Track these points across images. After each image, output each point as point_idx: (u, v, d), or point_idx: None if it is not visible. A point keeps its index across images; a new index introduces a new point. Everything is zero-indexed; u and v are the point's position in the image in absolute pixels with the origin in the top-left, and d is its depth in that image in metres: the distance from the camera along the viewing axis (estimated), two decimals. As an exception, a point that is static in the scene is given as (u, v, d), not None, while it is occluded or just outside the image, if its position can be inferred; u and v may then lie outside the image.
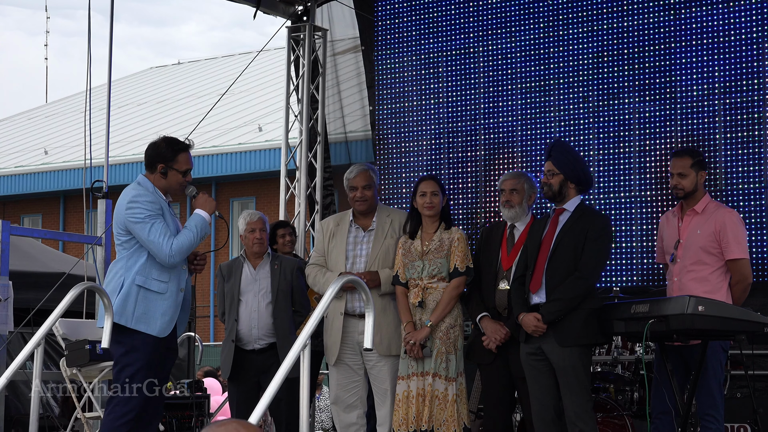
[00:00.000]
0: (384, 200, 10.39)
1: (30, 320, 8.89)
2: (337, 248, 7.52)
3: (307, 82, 11.79)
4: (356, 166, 7.65)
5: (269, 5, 11.76)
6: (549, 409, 6.81)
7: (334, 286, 5.61)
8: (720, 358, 6.93)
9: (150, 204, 6.64)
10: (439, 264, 7.19)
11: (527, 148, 10.13)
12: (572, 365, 6.70)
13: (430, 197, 7.31)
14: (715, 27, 9.33)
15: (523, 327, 6.82)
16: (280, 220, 10.51)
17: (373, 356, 7.31)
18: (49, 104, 35.36)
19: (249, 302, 8.02)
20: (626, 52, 9.72)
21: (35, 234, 12.96)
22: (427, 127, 10.69)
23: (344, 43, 12.05)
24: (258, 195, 24.68)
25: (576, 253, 6.79)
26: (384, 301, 7.36)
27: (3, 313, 8.68)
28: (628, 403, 8.29)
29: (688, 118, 9.39)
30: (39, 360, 6.29)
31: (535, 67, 10.16)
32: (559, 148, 7.14)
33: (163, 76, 34.34)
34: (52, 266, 11.37)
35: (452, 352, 7.13)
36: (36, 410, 6.37)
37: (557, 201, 6.98)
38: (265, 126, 24.63)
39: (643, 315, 6.52)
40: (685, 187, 7.10)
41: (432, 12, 10.75)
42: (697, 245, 7.01)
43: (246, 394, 8.00)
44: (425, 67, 10.77)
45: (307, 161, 11.81)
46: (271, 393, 5.14)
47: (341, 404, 7.44)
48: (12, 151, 29.16)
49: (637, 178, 9.59)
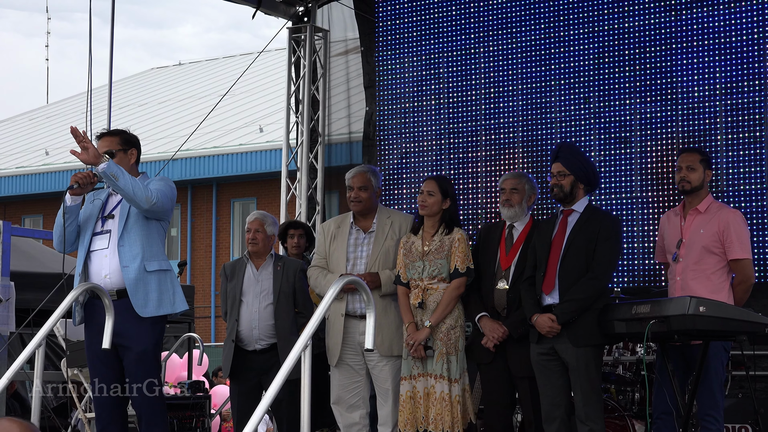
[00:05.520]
0: (385, 201, 10.38)
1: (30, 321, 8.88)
2: (337, 250, 7.53)
3: (308, 83, 11.79)
4: (357, 167, 7.68)
5: (270, 6, 11.76)
6: (560, 408, 6.84)
7: (334, 287, 5.61)
8: (721, 359, 6.93)
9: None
10: (440, 265, 7.19)
11: (529, 150, 10.13)
12: (585, 365, 6.74)
13: (424, 196, 7.31)
14: (717, 28, 9.34)
15: (537, 328, 6.84)
16: (292, 220, 10.50)
17: (374, 357, 7.32)
18: (49, 105, 35.39)
19: (250, 303, 8.02)
20: (628, 53, 9.72)
21: (36, 235, 12.93)
22: (429, 128, 10.69)
23: (344, 44, 12.05)
24: (259, 196, 24.70)
25: (588, 254, 6.82)
26: (385, 302, 7.36)
27: (4, 313, 8.67)
28: (629, 403, 8.28)
29: (690, 119, 9.39)
30: (40, 361, 6.29)
31: (536, 69, 10.16)
32: (567, 150, 7.17)
33: (164, 77, 34.37)
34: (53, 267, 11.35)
35: (453, 353, 7.13)
36: (37, 411, 6.36)
37: (566, 202, 6.99)
38: (266, 127, 24.64)
39: (644, 315, 6.52)
40: (692, 180, 7.09)
41: (433, 13, 10.75)
42: (699, 244, 7.01)
43: (247, 394, 8.00)
44: (426, 68, 10.77)
45: (308, 162, 11.81)
46: (272, 394, 5.14)
47: (343, 404, 7.44)
48: (13, 151, 29.18)
49: (639, 179, 9.59)
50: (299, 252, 9.26)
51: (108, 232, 6.84)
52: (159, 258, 6.85)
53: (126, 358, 6.77)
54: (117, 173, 6.58)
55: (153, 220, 6.84)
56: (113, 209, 6.91)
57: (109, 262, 6.79)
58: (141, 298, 6.73)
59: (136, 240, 6.77)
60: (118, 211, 6.87)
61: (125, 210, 6.84)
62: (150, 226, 6.84)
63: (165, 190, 6.82)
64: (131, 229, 6.79)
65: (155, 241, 6.86)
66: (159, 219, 6.88)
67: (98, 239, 6.87)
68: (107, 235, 6.85)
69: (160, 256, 6.87)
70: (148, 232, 6.82)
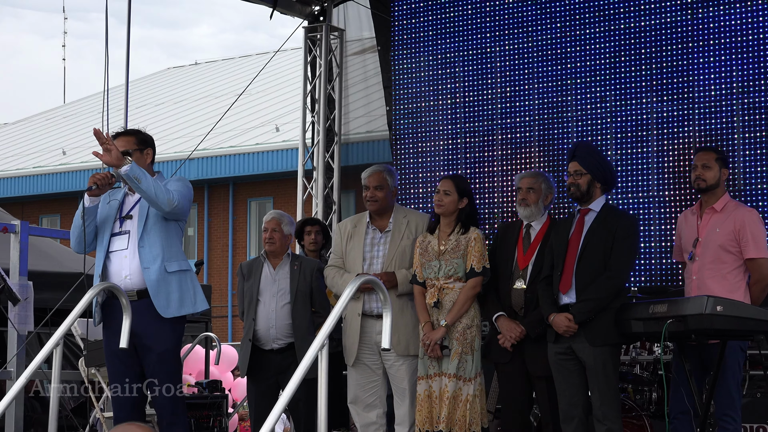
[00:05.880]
0: (401, 200, 10.38)
1: (48, 320, 8.91)
2: (354, 250, 7.54)
3: (324, 83, 11.81)
4: (373, 167, 7.66)
5: (286, 5, 11.78)
6: (578, 408, 6.84)
7: (351, 286, 5.62)
8: (738, 358, 6.91)
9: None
10: (456, 264, 7.19)
11: (544, 149, 10.12)
12: (603, 364, 6.74)
13: (440, 195, 7.32)
14: (733, 26, 9.31)
15: (554, 327, 6.84)
16: (309, 217, 10.50)
17: (391, 356, 7.32)
18: (67, 105, 35.47)
19: (267, 302, 8.02)
20: (643, 51, 9.71)
21: (54, 234, 12.97)
22: (444, 128, 10.69)
23: (360, 44, 12.07)
24: (275, 195, 24.72)
25: (605, 253, 6.81)
26: (401, 301, 7.36)
27: (23, 313, 8.69)
28: (646, 403, 8.28)
29: (706, 118, 9.37)
30: (58, 360, 6.31)
31: (552, 67, 10.15)
32: (584, 149, 7.18)
33: (180, 76, 34.41)
34: (71, 266, 11.38)
35: (469, 353, 7.13)
36: (55, 410, 6.38)
37: (583, 201, 6.99)
38: (282, 126, 24.66)
39: (662, 315, 6.52)
40: (708, 178, 7.08)
41: (448, 12, 10.75)
42: (716, 243, 7.00)
43: (264, 393, 8.01)
44: (442, 67, 10.76)
45: (324, 161, 11.82)
46: (289, 393, 5.16)
47: (360, 404, 7.45)
48: (30, 151, 29.27)
49: (655, 178, 9.58)
50: (316, 248, 9.28)
51: (127, 233, 6.86)
52: (179, 258, 6.87)
53: (147, 358, 6.79)
54: (140, 176, 6.58)
55: (171, 221, 6.86)
56: (131, 209, 6.92)
57: (129, 262, 6.80)
58: (163, 299, 6.75)
59: (156, 241, 6.79)
60: (137, 211, 6.89)
61: (144, 211, 6.85)
62: (169, 226, 6.85)
63: (183, 190, 6.84)
64: (151, 231, 6.80)
65: (174, 241, 6.88)
66: (177, 219, 6.90)
67: (117, 240, 6.88)
68: (126, 235, 6.86)
69: (180, 256, 6.89)
70: (167, 233, 6.84)
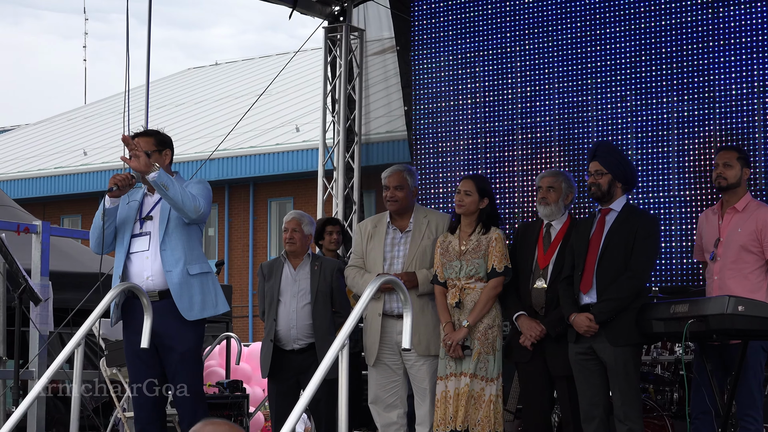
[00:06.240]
0: (421, 200, 10.38)
1: (69, 320, 8.94)
2: (374, 250, 7.54)
3: (344, 83, 11.82)
4: (393, 167, 7.66)
5: (306, 6, 11.79)
6: (599, 408, 6.84)
7: (371, 286, 5.62)
8: (760, 359, 6.89)
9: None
10: (477, 264, 7.18)
11: (565, 148, 10.11)
12: (624, 364, 6.74)
13: (461, 195, 7.32)
14: (754, 25, 9.28)
15: (575, 327, 6.83)
16: (329, 216, 10.50)
17: (411, 356, 7.32)
18: (87, 105, 35.57)
19: (288, 303, 8.03)
20: (664, 51, 9.68)
21: (75, 234, 12.99)
22: (464, 127, 10.69)
23: (380, 44, 12.07)
24: (296, 195, 24.75)
25: (626, 253, 6.80)
26: (422, 301, 7.36)
27: (44, 313, 8.72)
28: (667, 403, 8.26)
29: (727, 118, 9.35)
30: (79, 360, 6.32)
31: (572, 67, 10.14)
32: (605, 148, 7.17)
33: (200, 77, 34.48)
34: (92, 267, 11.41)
35: (490, 353, 7.12)
36: (77, 410, 6.40)
37: (604, 201, 6.97)
38: (303, 126, 24.68)
39: (683, 315, 6.50)
40: (728, 177, 7.06)
41: (468, 12, 10.74)
42: (737, 243, 6.97)
43: (285, 393, 8.02)
44: (462, 67, 10.76)
45: (344, 161, 11.83)
46: (310, 393, 5.16)
47: (381, 404, 7.45)
48: (51, 152, 29.37)
49: (676, 177, 9.55)
50: (336, 248, 9.29)
51: (147, 234, 6.87)
52: (200, 261, 6.88)
53: (169, 358, 6.80)
54: (167, 183, 6.58)
55: (192, 224, 6.87)
56: (151, 210, 6.93)
57: (151, 264, 6.81)
58: (186, 302, 6.77)
59: (177, 244, 6.80)
60: (157, 213, 6.90)
61: (165, 213, 6.86)
62: (190, 229, 6.87)
63: (205, 194, 6.85)
64: (172, 233, 6.82)
65: (195, 244, 6.90)
66: (198, 223, 6.92)
67: (137, 241, 6.90)
68: (147, 237, 6.87)
69: (201, 258, 6.90)
70: (188, 235, 6.85)
